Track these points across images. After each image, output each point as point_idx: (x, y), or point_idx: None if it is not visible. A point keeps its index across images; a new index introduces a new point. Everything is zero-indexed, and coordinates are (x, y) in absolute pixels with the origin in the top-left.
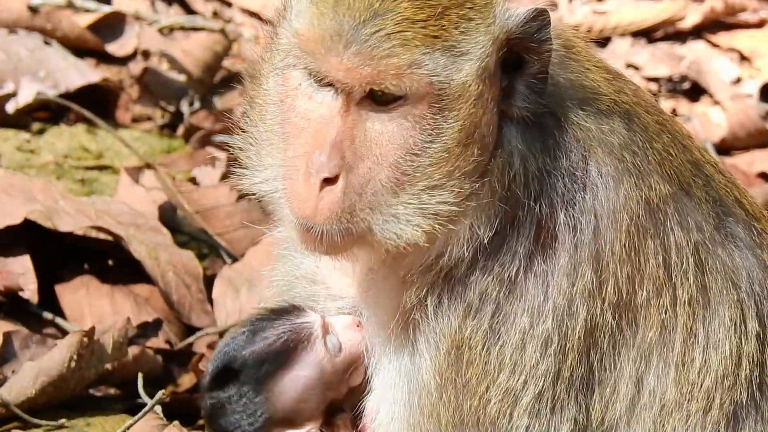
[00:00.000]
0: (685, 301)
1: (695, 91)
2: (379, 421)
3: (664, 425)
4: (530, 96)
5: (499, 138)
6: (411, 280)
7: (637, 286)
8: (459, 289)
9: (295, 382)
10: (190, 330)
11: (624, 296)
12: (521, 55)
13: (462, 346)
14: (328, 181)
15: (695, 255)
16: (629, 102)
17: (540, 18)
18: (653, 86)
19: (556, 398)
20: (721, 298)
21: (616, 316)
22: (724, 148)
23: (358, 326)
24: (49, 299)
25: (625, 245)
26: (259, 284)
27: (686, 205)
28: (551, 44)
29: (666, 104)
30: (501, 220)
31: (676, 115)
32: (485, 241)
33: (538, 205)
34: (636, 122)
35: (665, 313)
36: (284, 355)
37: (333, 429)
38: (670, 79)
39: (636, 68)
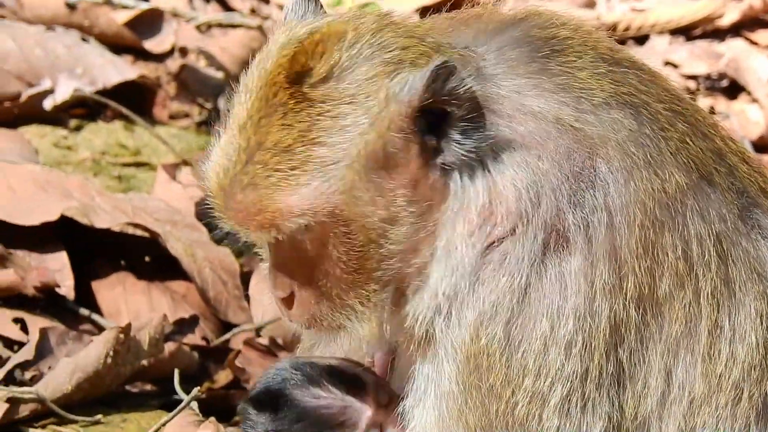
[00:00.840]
0: (708, 293)
1: (733, 89)
2: (413, 425)
3: (694, 418)
4: (465, 140)
5: (446, 190)
6: (418, 297)
7: (657, 280)
8: (467, 302)
9: None
10: (226, 326)
11: (645, 291)
12: (441, 109)
13: (480, 354)
14: (286, 300)
15: (717, 246)
16: (632, 92)
17: (440, 75)
18: (691, 84)
19: (586, 398)
20: (746, 289)
21: (640, 310)
22: (763, 145)
23: None
24: (85, 296)
25: (641, 240)
26: None
27: (707, 194)
28: (467, 87)
29: (704, 102)
30: (492, 232)
31: (713, 113)
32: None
33: (539, 212)
34: (644, 113)
35: (689, 306)
36: (321, 427)
37: None
38: (708, 77)
39: (674, 66)
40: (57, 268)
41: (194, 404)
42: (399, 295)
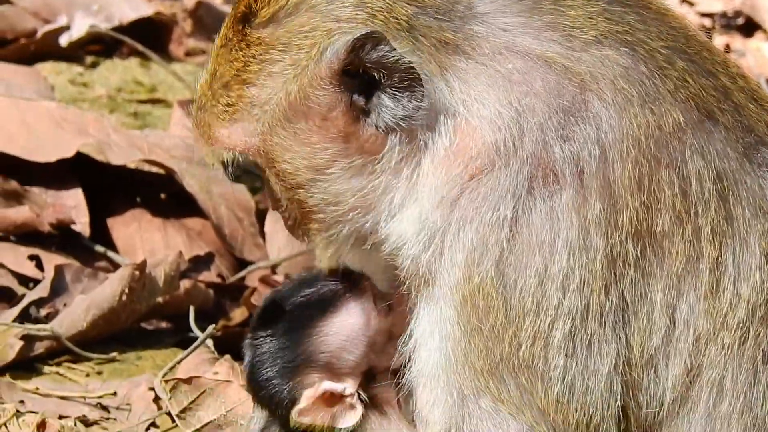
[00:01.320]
0: (708, 231)
1: (749, 27)
2: (420, 367)
3: (700, 356)
4: (396, 106)
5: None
6: (413, 237)
7: (655, 216)
8: (456, 241)
9: (341, 327)
10: (242, 264)
11: (643, 226)
12: (371, 74)
13: (476, 294)
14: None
15: (717, 184)
16: (628, 30)
17: (365, 43)
18: (707, 22)
19: (590, 334)
20: (750, 227)
21: (639, 246)
22: None
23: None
24: (101, 233)
25: (635, 175)
26: None
27: (708, 132)
28: (397, 58)
29: (720, 40)
30: (470, 168)
31: (729, 51)
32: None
33: (523, 146)
34: (639, 50)
35: (689, 243)
36: (333, 301)
37: (374, 396)
38: (724, 15)
39: (690, 4)
40: (72, 205)
41: (209, 342)
42: (363, 241)
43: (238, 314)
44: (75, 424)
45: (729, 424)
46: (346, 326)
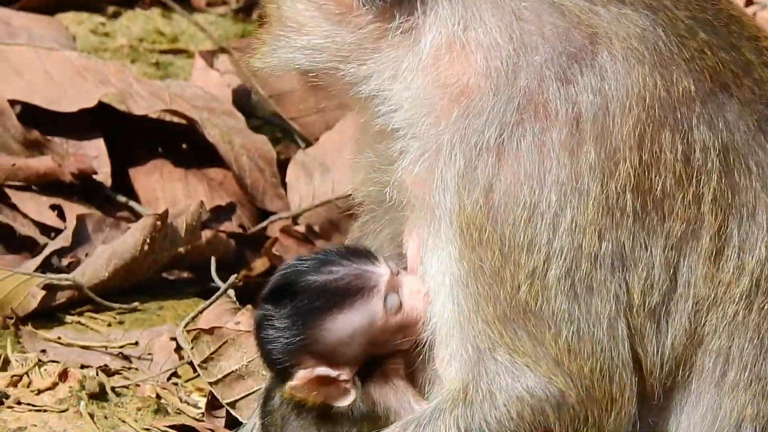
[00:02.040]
0: (709, 199)
1: None
2: (435, 322)
3: (701, 321)
4: None
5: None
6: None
7: (655, 176)
8: (447, 162)
9: (342, 324)
10: (263, 214)
11: (643, 183)
12: None
13: (470, 226)
14: None
15: (722, 156)
16: None
17: None
18: None
19: (589, 278)
20: (758, 200)
21: (638, 200)
22: None
23: (425, 296)
24: (122, 183)
25: (635, 132)
26: (332, 168)
27: (719, 105)
28: None
29: None
30: (452, 88)
31: (751, 2)
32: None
33: (517, 79)
34: (662, 16)
35: (690, 208)
36: (342, 296)
37: (380, 368)
38: None
39: None
40: (94, 155)
41: (231, 292)
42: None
43: (260, 264)
44: (97, 374)
45: (737, 394)
46: (348, 325)
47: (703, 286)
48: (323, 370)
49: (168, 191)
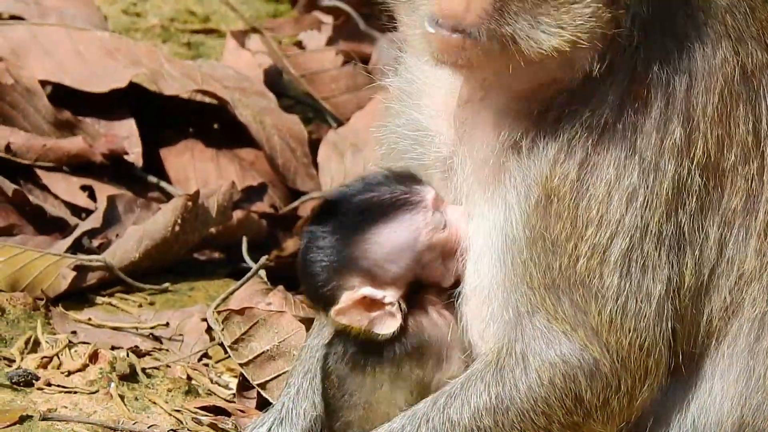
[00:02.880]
0: None
1: None
2: (477, 282)
3: (741, 294)
4: None
5: None
6: (507, 118)
7: (725, 150)
8: (550, 132)
9: (388, 237)
10: (294, 194)
11: (712, 158)
12: None
13: (551, 195)
14: None
15: None
16: None
17: None
18: None
19: (646, 256)
20: None
21: (704, 177)
22: None
23: (468, 220)
24: (153, 163)
25: (717, 107)
26: (364, 148)
27: None
28: None
29: None
30: (603, 60)
31: None
32: (595, 74)
33: (635, 56)
34: None
35: (752, 181)
36: (388, 210)
37: (420, 306)
38: None
39: None
40: (125, 135)
41: (262, 272)
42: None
43: (291, 245)
44: (127, 355)
45: None
46: (394, 238)
47: (752, 259)
48: (368, 290)
49: (199, 171)
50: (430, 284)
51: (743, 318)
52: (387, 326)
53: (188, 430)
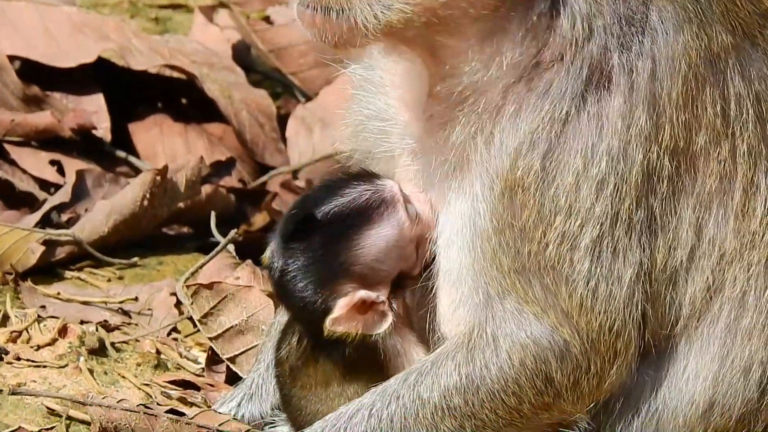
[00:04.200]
0: (744, 151)
1: None
2: (448, 267)
3: (723, 274)
4: None
5: None
6: (466, 112)
7: (694, 134)
8: (509, 127)
9: (377, 239)
10: (263, 169)
11: (681, 143)
12: None
13: (515, 187)
14: None
15: (756, 105)
16: None
17: None
18: None
19: (616, 242)
20: None
21: (674, 162)
22: None
23: (430, 205)
24: (122, 138)
25: (682, 92)
26: (332, 123)
27: (750, 55)
28: None
29: None
30: (542, 54)
31: None
32: (514, 66)
33: (588, 46)
34: None
35: (724, 163)
36: (368, 212)
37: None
38: None
39: None
40: (94, 110)
41: (231, 247)
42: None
43: (260, 219)
44: (96, 329)
45: (750, 338)
46: (382, 238)
47: (732, 240)
48: (364, 293)
49: (168, 146)
50: (405, 275)
51: (724, 297)
52: (381, 326)
53: (157, 404)
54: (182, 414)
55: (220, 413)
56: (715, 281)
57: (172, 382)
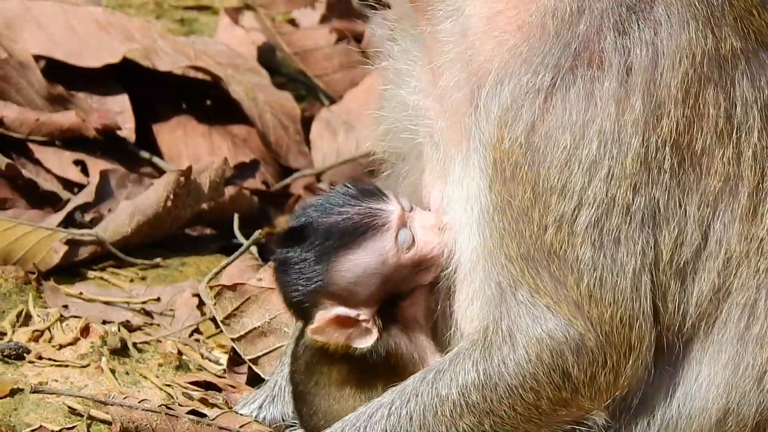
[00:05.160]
0: (749, 156)
1: None
2: (459, 256)
3: (731, 278)
4: None
5: None
6: (464, 84)
7: (696, 132)
8: (492, 95)
9: (354, 264)
10: (286, 171)
11: (684, 139)
12: None
13: (506, 159)
14: None
15: (764, 112)
16: None
17: None
18: None
19: (618, 230)
20: None
21: (677, 156)
22: None
23: (440, 229)
24: (146, 138)
25: (683, 86)
26: (356, 126)
27: (761, 63)
28: None
29: None
30: (520, 16)
31: None
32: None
33: (579, 24)
34: None
35: (729, 165)
36: (352, 236)
37: (398, 312)
38: None
39: None
40: (118, 111)
41: (253, 249)
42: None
43: (283, 221)
44: (118, 330)
45: (762, 347)
46: (360, 264)
47: (737, 243)
48: (341, 310)
49: (191, 147)
50: (408, 293)
51: (733, 303)
52: (364, 341)
53: (179, 404)
54: (203, 415)
55: (241, 415)
56: (722, 284)
57: (193, 383)
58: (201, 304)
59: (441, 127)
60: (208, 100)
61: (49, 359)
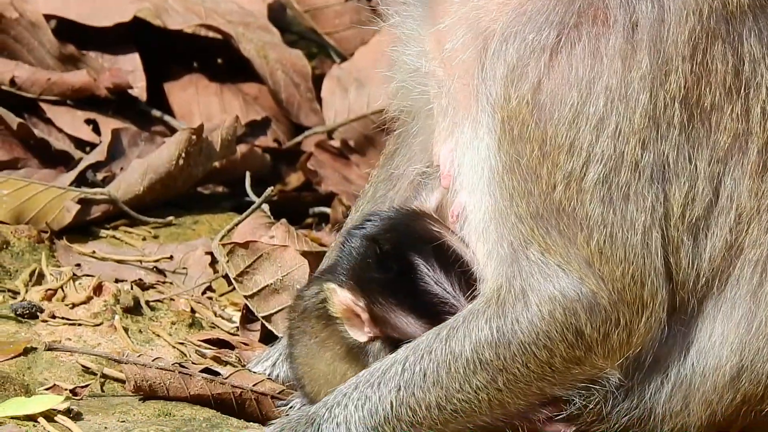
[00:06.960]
0: (758, 112)
1: None
2: (472, 217)
3: (743, 234)
4: None
5: None
6: (467, 44)
7: (704, 88)
8: (497, 51)
9: (402, 322)
10: (298, 129)
11: (692, 95)
12: None
13: (513, 119)
14: None
15: None
16: None
17: None
18: None
19: (627, 186)
20: None
21: (685, 112)
22: None
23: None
24: (157, 97)
25: (690, 42)
26: (367, 83)
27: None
28: None
29: None
30: None
31: None
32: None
33: None
34: None
35: (738, 121)
36: (427, 311)
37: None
38: None
39: None
40: (130, 70)
41: (265, 206)
42: None
43: (294, 179)
44: (131, 288)
45: None
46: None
47: (748, 199)
48: (357, 307)
49: (203, 106)
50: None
51: (745, 260)
52: (356, 335)
53: (192, 362)
54: (217, 373)
55: (255, 372)
56: (735, 240)
57: (206, 341)
58: (213, 262)
59: (448, 90)
60: (219, 59)
61: (63, 318)
